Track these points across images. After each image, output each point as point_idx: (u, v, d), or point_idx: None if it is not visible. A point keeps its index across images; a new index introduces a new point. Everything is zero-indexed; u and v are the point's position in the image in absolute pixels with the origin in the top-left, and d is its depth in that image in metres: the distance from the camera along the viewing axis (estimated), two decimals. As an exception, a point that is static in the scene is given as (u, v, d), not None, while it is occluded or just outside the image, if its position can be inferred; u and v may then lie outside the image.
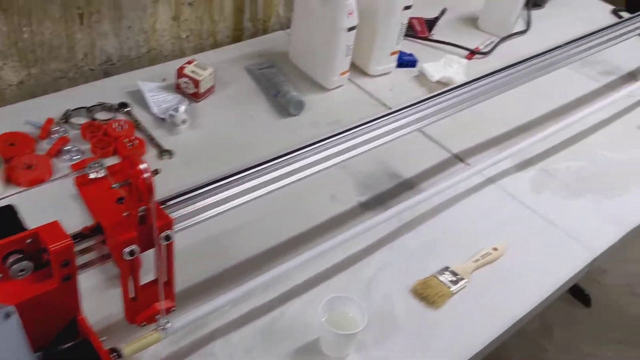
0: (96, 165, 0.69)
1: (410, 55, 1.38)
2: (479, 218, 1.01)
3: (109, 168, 0.70)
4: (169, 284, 0.70)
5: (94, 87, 1.15)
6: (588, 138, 1.24)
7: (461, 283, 0.88)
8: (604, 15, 1.75)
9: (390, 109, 0.99)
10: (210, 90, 1.16)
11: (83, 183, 0.69)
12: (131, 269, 0.65)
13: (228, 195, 0.76)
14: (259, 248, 0.89)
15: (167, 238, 0.64)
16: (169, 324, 0.69)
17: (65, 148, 0.98)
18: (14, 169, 0.92)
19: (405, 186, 1.05)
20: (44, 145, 0.99)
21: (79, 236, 0.64)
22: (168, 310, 0.71)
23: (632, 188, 1.12)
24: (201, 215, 0.73)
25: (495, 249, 0.94)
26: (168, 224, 0.64)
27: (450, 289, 0.87)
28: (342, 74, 1.22)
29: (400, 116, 0.98)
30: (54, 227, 0.60)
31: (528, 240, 0.98)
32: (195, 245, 0.85)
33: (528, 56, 1.17)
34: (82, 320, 0.66)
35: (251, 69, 1.25)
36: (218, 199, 0.75)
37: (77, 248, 0.62)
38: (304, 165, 0.86)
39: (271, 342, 0.78)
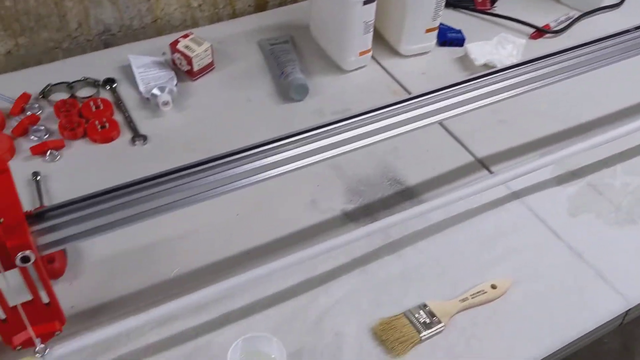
0: None
1: (458, 32, 1.17)
2: (485, 244, 0.82)
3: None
4: (51, 304, 0.61)
5: (90, 59, 1.07)
6: (664, 146, 0.98)
7: (435, 328, 0.71)
8: None
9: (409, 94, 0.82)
10: (208, 68, 1.04)
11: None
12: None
13: (163, 203, 0.65)
14: (199, 262, 0.77)
15: (24, 260, 0.54)
16: (47, 351, 0.60)
17: (33, 127, 0.92)
18: (-27, 147, 0.87)
19: (405, 195, 0.88)
20: (13, 123, 0.93)
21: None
22: (50, 335, 0.62)
23: None
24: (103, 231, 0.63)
25: (493, 287, 0.76)
26: (24, 244, 0.54)
27: (420, 334, 0.70)
28: (362, 53, 1.05)
29: (415, 105, 0.80)
30: None
31: (542, 278, 0.78)
32: (123, 253, 0.77)
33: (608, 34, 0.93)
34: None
35: (263, 44, 1.11)
36: (133, 212, 0.64)
37: None
38: (281, 160, 0.72)
39: (185, 376, 0.67)
